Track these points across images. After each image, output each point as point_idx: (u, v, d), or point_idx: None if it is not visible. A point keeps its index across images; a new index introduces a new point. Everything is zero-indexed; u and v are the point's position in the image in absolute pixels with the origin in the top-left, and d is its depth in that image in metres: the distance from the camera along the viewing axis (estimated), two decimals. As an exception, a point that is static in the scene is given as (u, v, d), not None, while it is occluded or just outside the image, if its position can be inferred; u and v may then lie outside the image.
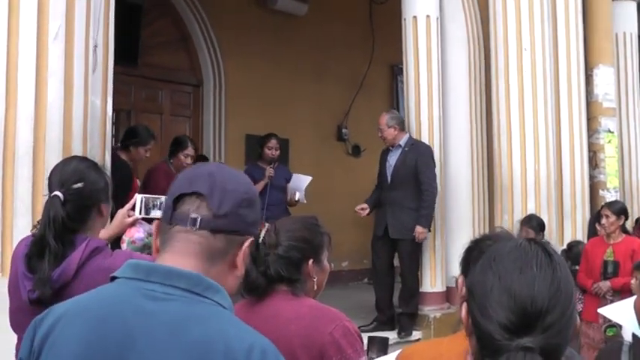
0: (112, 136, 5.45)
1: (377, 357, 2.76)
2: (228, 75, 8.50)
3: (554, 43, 6.84)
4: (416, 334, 6.08)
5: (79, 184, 2.26)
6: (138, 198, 2.79)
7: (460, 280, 1.81)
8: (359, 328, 6.84)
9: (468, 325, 1.32)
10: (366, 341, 2.82)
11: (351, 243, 9.08)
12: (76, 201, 2.24)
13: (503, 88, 6.52)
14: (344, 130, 9.78)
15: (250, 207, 1.43)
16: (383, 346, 2.82)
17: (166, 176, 5.47)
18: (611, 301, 5.30)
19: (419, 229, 5.99)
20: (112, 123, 4.71)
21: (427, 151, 6.22)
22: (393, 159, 6.24)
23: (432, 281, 6.40)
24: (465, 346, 1.61)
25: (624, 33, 8.50)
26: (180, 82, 8.34)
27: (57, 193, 2.23)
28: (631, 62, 8.55)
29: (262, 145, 6.56)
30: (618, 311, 2.67)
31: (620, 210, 5.62)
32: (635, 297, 2.32)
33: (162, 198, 2.89)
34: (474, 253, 1.81)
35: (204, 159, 7.70)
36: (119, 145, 5.58)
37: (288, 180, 6.63)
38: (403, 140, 6.22)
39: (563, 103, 7.01)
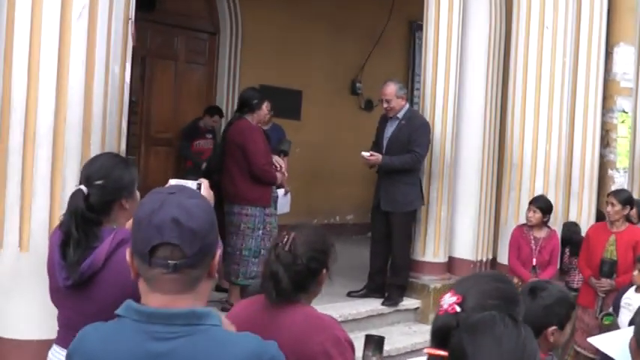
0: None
1: (372, 354, 2.90)
2: (245, 24, 8.41)
3: (577, 20, 6.73)
4: (413, 303, 6.17)
5: (101, 181, 2.42)
6: (171, 182, 2.89)
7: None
8: (349, 293, 6.81)
9: None
10: (363, 340, 2.97)
11: (357, 197, 9.19)
12: (98, 196, 2.41)
13: (521, 63, 6.45)
14: (358, 85, 9.73)
15: (213, 227, 1.58)
16: (379, 345, 2.96)
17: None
18: (603, 299, 5.40)
19: (378, 157, 5.88)
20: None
21: (423, 127, 6.06)
22: (389, 130, 6.08)
23: (436, 251, 6.50)
24: None
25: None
26: (197, 29, 8.27)
27: (81, 187, 2.42)
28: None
29: None
30: (610, 342, 2.75)
31: (626, 199, 5.56)
32: (631, 334, 2.38)
33: (190, 182, 2.96)
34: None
35: (218, 110, 7.71)
36: (239, 115, 5.57)
37: (280, 138, 6.86)
38: (402, 112, 6.06)
39: (581, 80, 6.97)
